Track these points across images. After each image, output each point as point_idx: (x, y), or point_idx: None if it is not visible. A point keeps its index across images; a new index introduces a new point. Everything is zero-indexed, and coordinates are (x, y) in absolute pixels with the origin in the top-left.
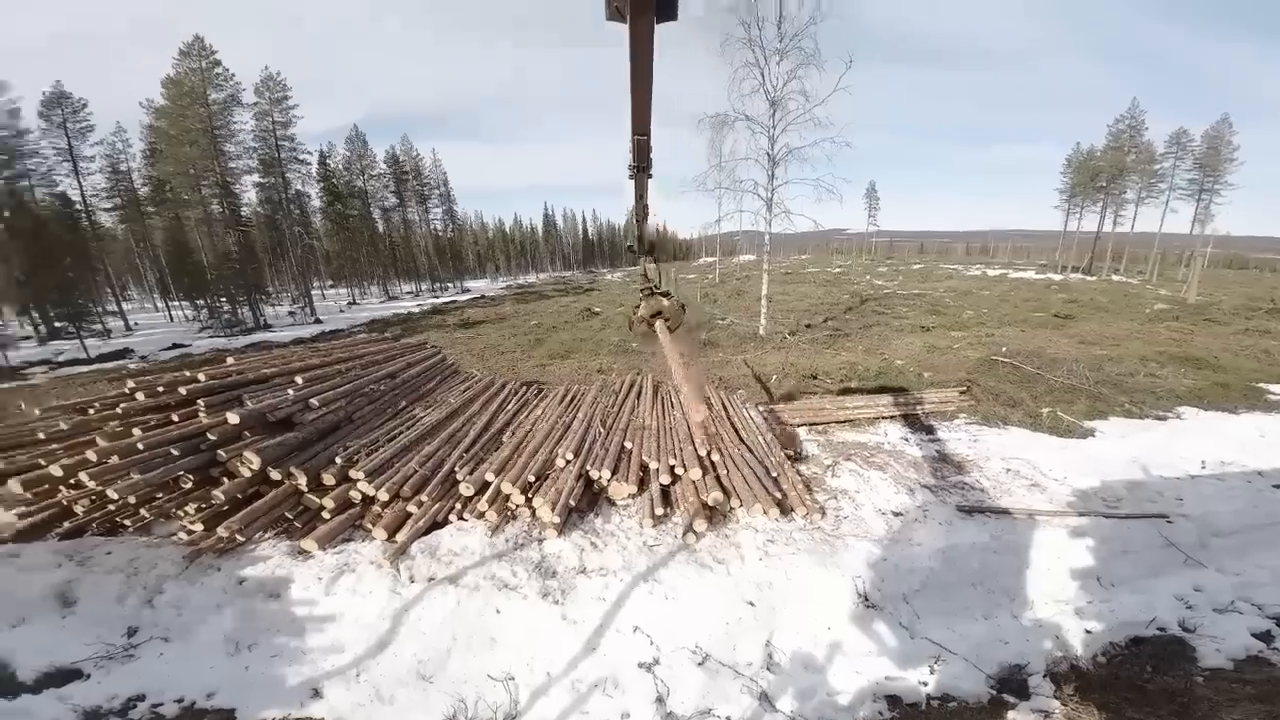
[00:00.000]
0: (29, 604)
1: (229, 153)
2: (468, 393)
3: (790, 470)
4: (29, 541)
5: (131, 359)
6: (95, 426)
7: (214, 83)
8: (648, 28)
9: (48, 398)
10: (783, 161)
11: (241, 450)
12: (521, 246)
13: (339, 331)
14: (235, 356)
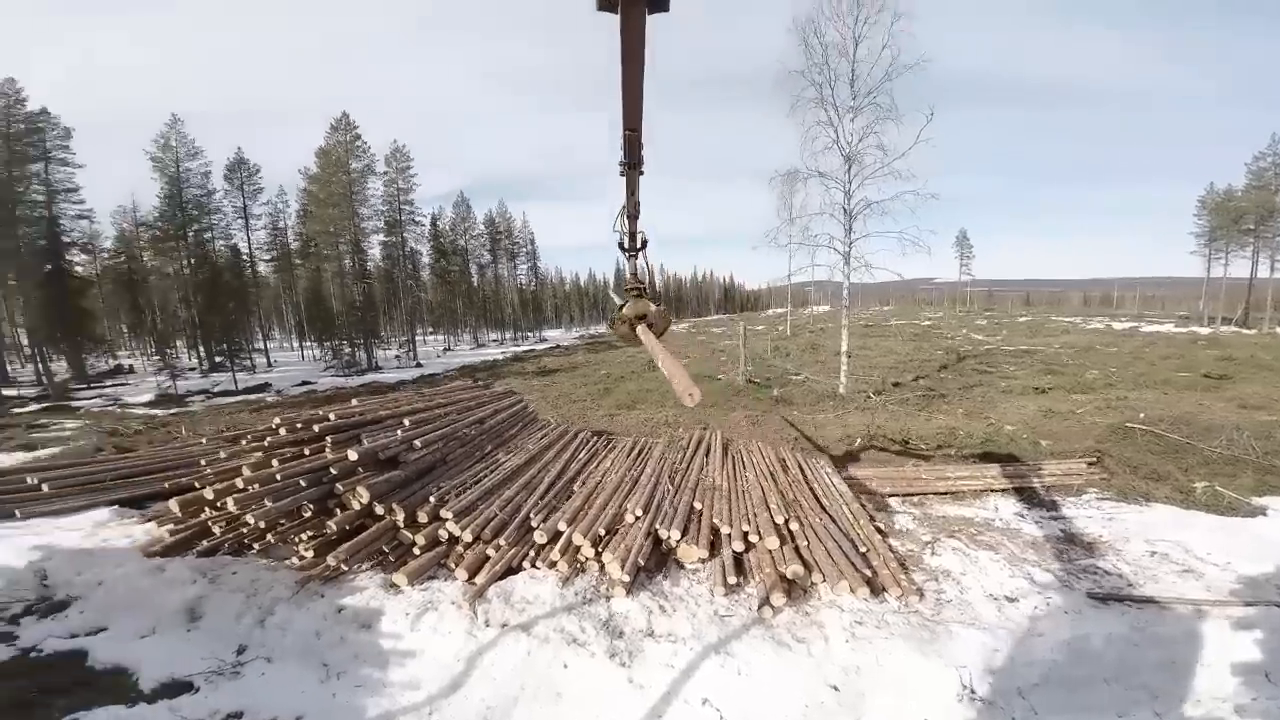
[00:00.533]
0: (162, 616)
1: (362, 214)
2: (544, 440)
3: (882, 545)
4: (172, 556)
5: (269, 392)
6: (244, 455)
7: (355, 153)
8: (639, 19)
9: (203, 424)
10: (860, 215)
11: (355, 485)
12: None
13: (435, 375)
14: (359, 398)
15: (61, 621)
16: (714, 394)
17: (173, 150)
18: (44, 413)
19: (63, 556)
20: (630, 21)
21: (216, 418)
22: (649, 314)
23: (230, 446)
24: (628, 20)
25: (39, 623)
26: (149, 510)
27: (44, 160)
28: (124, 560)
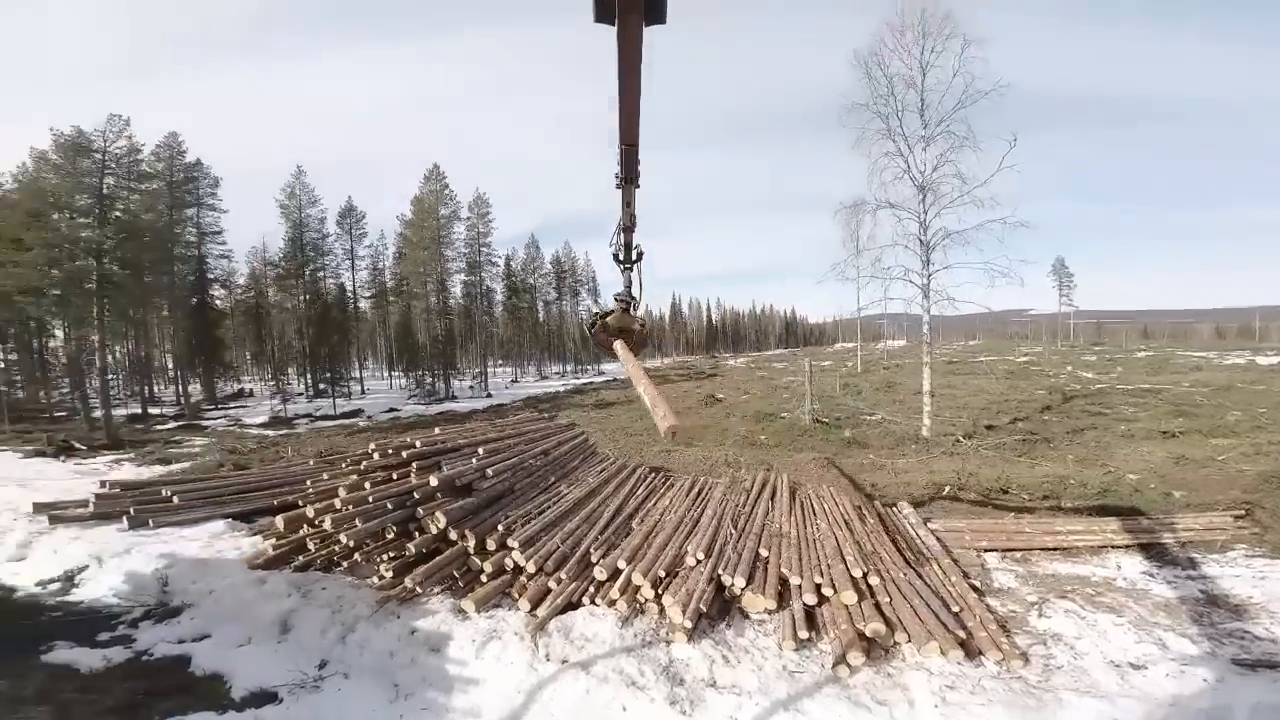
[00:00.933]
0: (258, 627)
1: (447, 256)
2: (603, 474)
3: (978, 605)
4: (273, 569)
5: (361, 418)
6: (343, 477)
7: (443, 201)
8: (636, 29)
9: (306, 446)
10: (939, 246)
11: (434, 510)
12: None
13: (503, 405)
14: (439, 427)
15: (173, 627)
16: (778, 433)
17: (296, 198)
18: (180, 430)
19: (183, 565)
20: (628, 33)
21: (317, 440)
22: (632, 330)
23: (331, 469)
24: (625, 32)
25: (154, 627)
26: (257, 524)
27: (197, 206)
28: (231, 571)
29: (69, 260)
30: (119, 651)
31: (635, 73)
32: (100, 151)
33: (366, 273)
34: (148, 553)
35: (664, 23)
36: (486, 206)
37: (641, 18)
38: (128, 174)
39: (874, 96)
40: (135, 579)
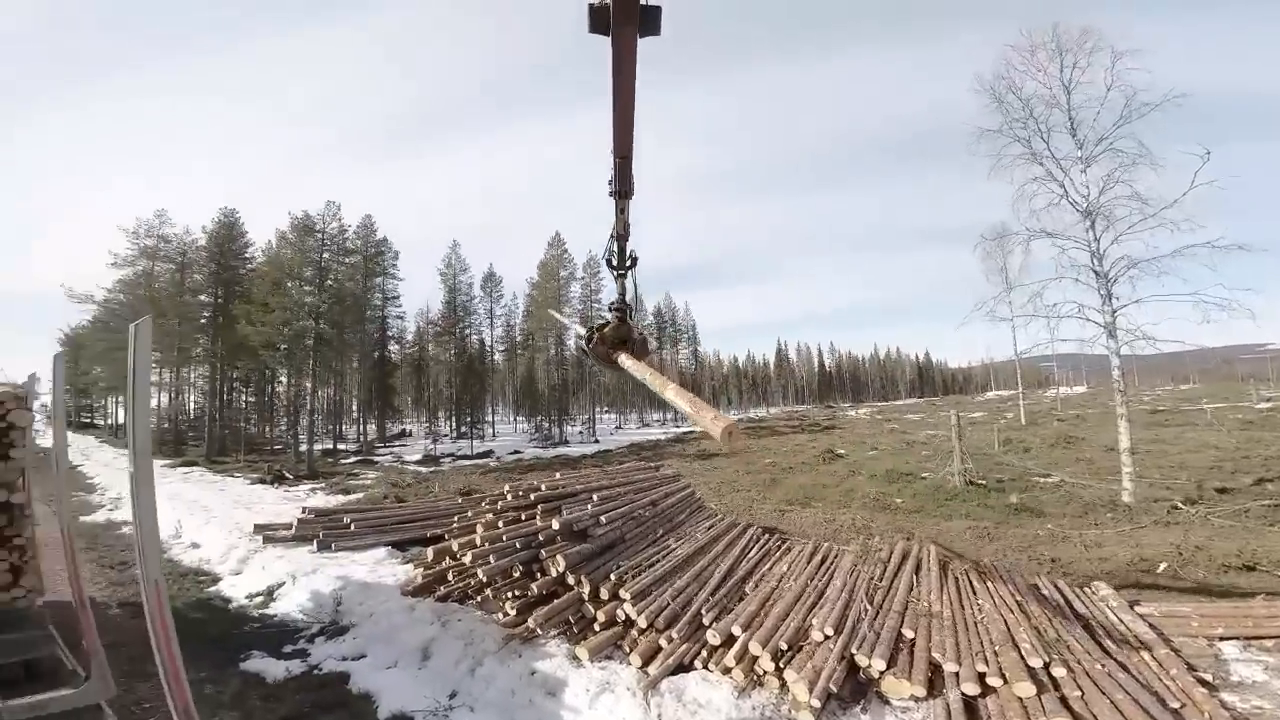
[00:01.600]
0: (405, 651)
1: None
2: (712, 530)
3: (1208, 702)
4: (421, 597)
5: (492, 458)
6: (481, 515)
7: (563, 264)
8: (630, 41)
9: (449, 482)
10: (1123, 277)
11: (555, 553)
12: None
13: (609, 450)
14: (560, 472)
15: (340, 644)
16: (919, 496)
17: (452, 267)
18: (358, 464)
19: (353, 587)
20: (622, 45)
21: (458, 477)
22: (632, 340)
23: (472, 506)
24: (619, 43)
25: (325, 644)
26: (410, 553)
27: (382, 275)
28: (389, 596)
29: (296, 321)
30: (297, 664)
31: (629, 85)
32: (320, 231)
33: (501, 329)
34: (329, 574)
35: (658, 34)
36: (598, 266)
37: (636, 30)
38: (337, 250)
39: (1008, 120)
40: (317, 597)
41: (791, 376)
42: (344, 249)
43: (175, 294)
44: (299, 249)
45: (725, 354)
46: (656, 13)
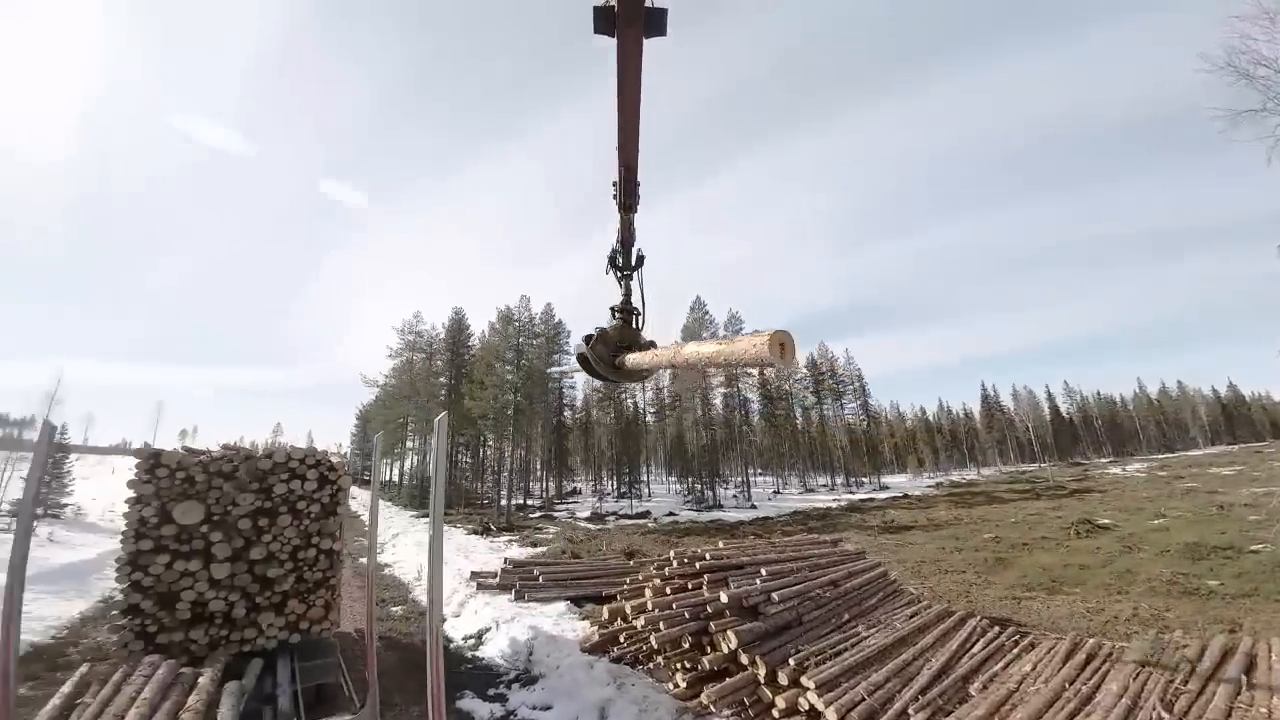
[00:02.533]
0: (584, 709)
1: (708, 372)
2: (915, 619)
3: None
4: (597, 655)
5: (650, 519)
6: (650, 579)
7: (704, 325)
8: (636, 43)
9: (615, 541)
10: None
11: (725, 628)
12: (951, 436)
13: (769, 518)
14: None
15: (532, 693)
16: (1243, 577)
17: None
18: (541, 519)
19: (542, 639)
20: (627, 45)
21: (621, 536)
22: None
23: (638, 569)
24: (624, 44)
25: (520, 691)
26: (585, 609)
27: (558, 352)
28: (570, 651)
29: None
30: (498, 708)
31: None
32: (516, 320)
33: (652, 393)
34: (523, 624)
35: (664, 35)
36: (739, 324)
37: (641, 30)
38: (528, 334)
39: (1269, 97)
40: (514, 645)
41: (1009, 428)
42: (532, 333)
43: (425, 377)
44: (502, 335)
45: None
46: (662, 15)
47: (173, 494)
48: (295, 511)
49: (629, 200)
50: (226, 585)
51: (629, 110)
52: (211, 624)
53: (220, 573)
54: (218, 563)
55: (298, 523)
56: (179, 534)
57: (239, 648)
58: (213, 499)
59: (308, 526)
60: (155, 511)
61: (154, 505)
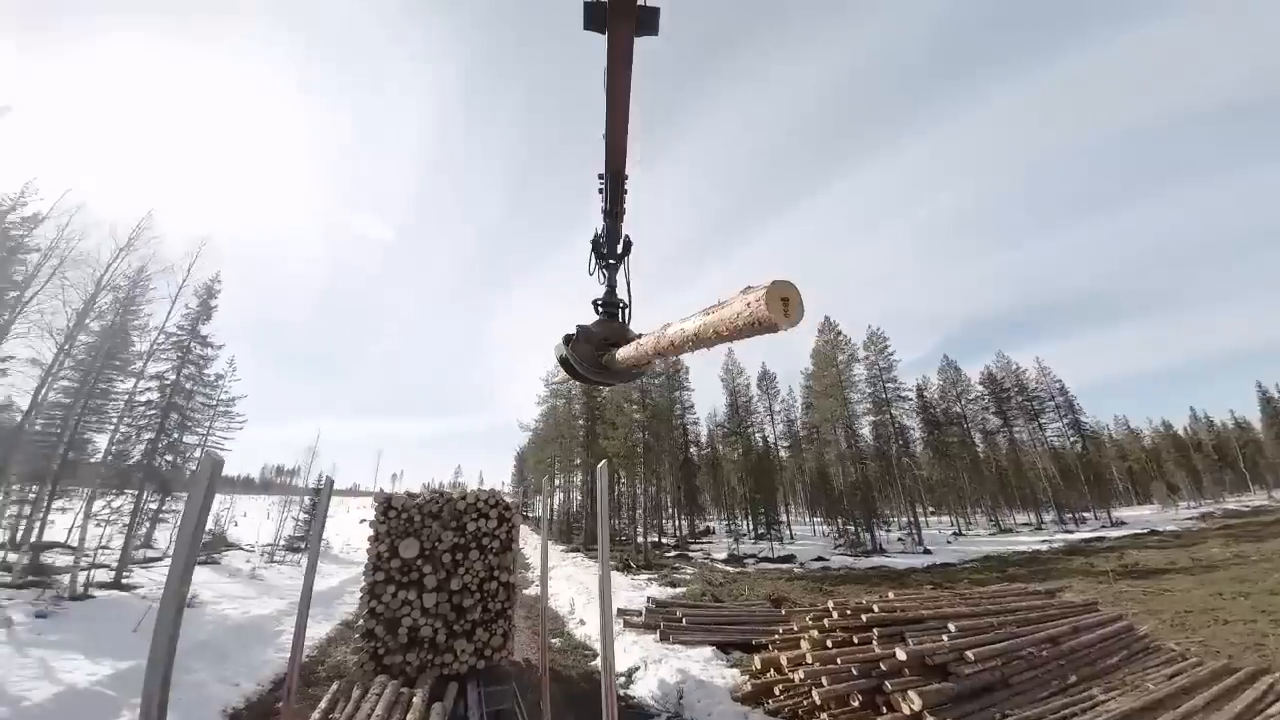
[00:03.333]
0: None
1: (851, 399)
2: (1178, 679)
3: None
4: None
5: (795, 564)
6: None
7: (839, 348)
8: (627, 39)
9: (756, 585)
10: None
11: (905, 687)
12: (1218, 453)
13: (950, 565)
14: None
15: None
16: None
17: (730, 372)
18: (676, 558)
19: (691, 683)
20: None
21: (763, 581)
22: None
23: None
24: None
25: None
26: (733, 657)
27: (679, 390)
28: (722, 699)
29: (630, 434)
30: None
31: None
32: None
33: (783, 425)
34: (671, 666)
35: (655, 34)
36: (883, 341)
37: (633, 27)
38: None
39: None
40: (664, 687)
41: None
42: (654, 372)
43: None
44: None
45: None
46: (654, 13)
47: (398, 532)
48: (481, 547)
49: (617, 207)
50: (433, 613)
51: (618, 111)
52: (422, 648)
53: (429, 601)
54: (427, 592)
55: (483, 557)
56: (402, 566)
57: (440, 671)
58: (424, 536)
59: (490, 561)
60: (387, 547)
61: (386, 542)
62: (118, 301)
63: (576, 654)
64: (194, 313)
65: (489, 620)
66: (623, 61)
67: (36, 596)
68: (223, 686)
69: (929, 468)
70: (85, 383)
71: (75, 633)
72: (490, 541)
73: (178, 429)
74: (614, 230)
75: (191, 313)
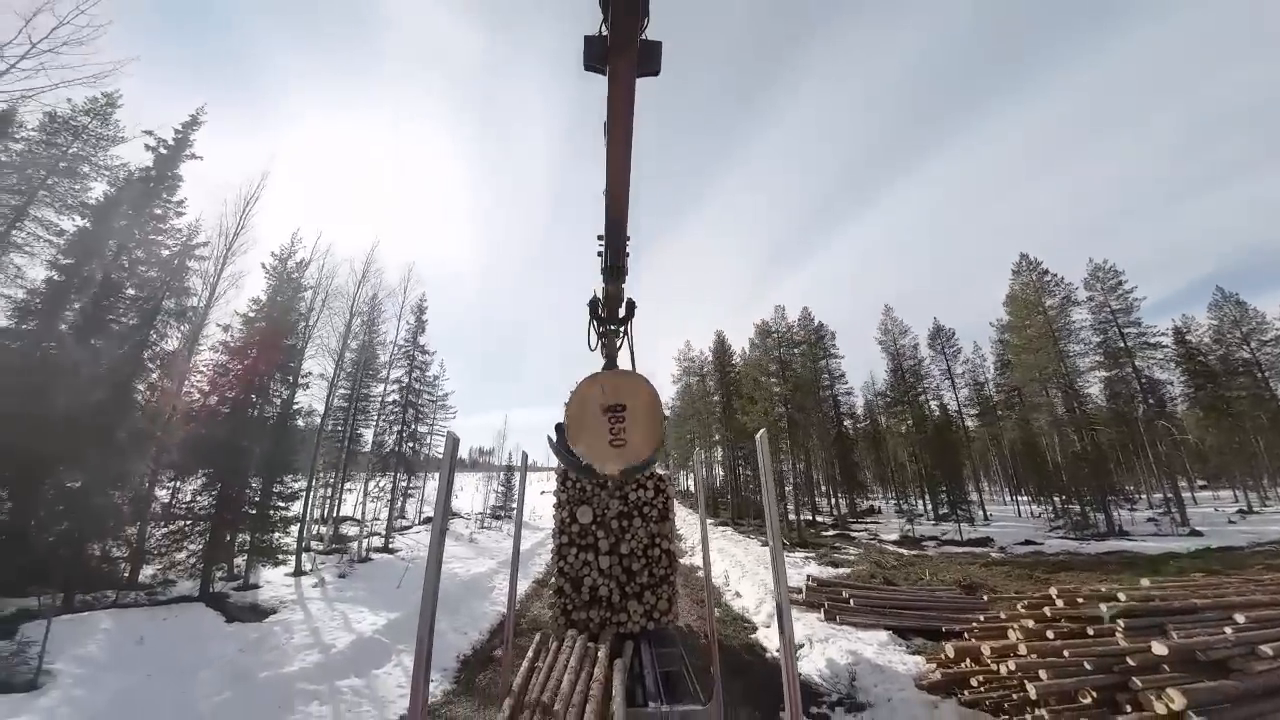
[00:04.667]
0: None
1: (1072, 351)
2: None
3: None
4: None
5: (992, 548)
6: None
7: (1047, 290)
8: (628, 79)
9: (941, 571)
10: None
11: (1162, 685)
12: None
13: (1235, 549)
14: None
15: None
16: None
17: (890, 333)
18: (836, 538)
19: (865, 666)
20: (619, 84)
21: (950, 566)
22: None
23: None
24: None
25: (845, 715)
26: (913, 643)
27: (825, 358)
28: (904, 685)
29: (771, 409)
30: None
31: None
32: (775, 331)
33: (968, 390)
34: (839, 646)
35: (657, 74)
36: (1114, 276)
37: (634, 66)
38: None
39: None
40: (833, 666)
41: None
42: (793, 341)
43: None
44: (763, 349)
45: None
46: (656, 48)
47: (575, 500)
48: (643, 515)
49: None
50: (607, 574)
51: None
52: (601, 606)
53: (604, 563)
54: (602, 555)
55: (645, 525)
56: (580, 531)
57: (616, 629)
58: (595, 503)
59: (651, 528)
60: (567, 513)
61: (566, 509)
62: (364, 323)
63: (735, 625)
64: (412, 327)
65: (655, 584)
66: (625, 104)
67: (338, 560)
68: (456, 635)
69: (1198, 431)
70: (354, 390)
71: (361, 589)
72: (650, 510)
73: (414, 421)
74: (615, 294)
75: (410, 327)
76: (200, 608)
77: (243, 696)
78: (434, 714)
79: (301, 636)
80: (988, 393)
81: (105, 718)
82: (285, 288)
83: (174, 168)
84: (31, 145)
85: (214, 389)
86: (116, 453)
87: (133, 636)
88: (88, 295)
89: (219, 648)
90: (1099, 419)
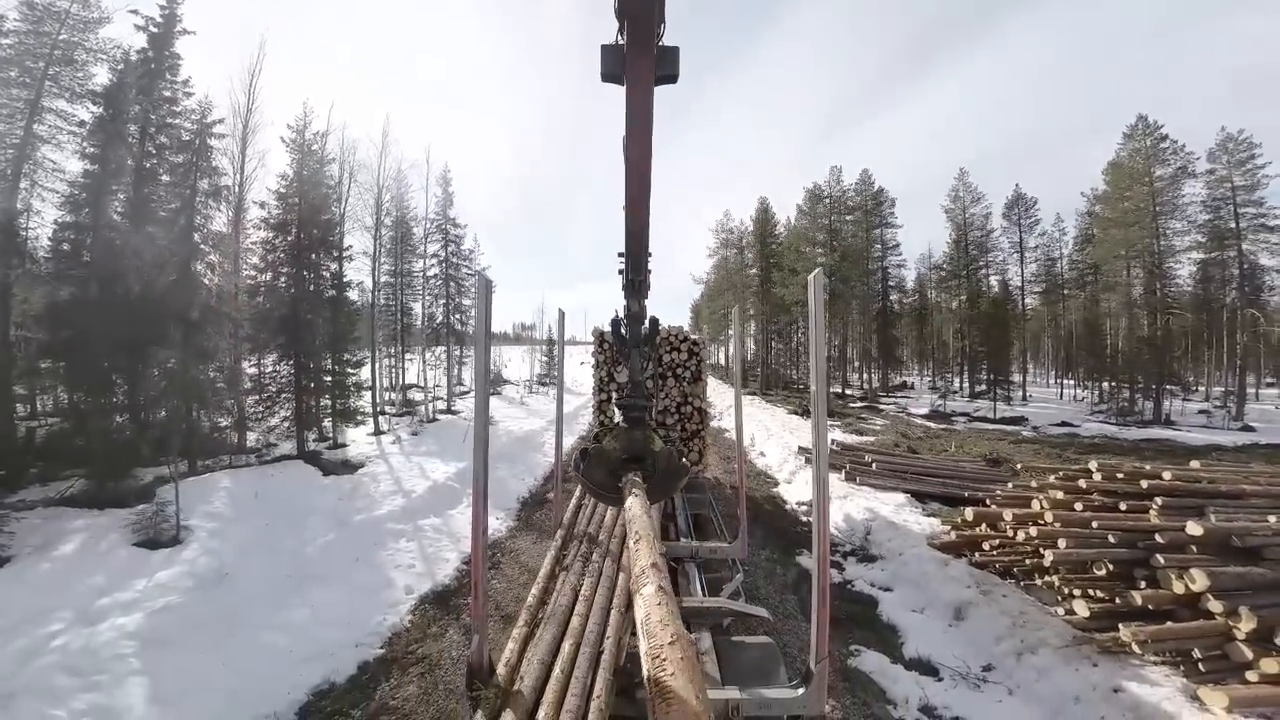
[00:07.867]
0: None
1: (1171, 229)
2: None
3: None
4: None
5: (1025, 427)
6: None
7: (1160, 159)
8: (647, 87)
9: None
10: None
11: (1186, 565)
12: None
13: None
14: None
15: (870, 570)
16: None
17: (960, 200)
18: (864, 410)
19: (880, 523)
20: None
21: (979, 441)
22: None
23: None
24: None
25: (856, 565)
26: (930, 507)
27: (881, 226)
28: (916, 544)
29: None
30: (834, 574)
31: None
32: (828, 196)
33: (1037, 265)
34: (857, 504)
35: (675, 81)
36: (1249, 148)
37: (653, 74)
38: (841, 210)
39: None
40: (850, 521)
41: None
42: (846, 207)
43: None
44: (811, 217)
45: None
46: (674, 53)
47: (612, 360)
48: (676, 376)
49: (640, 275)
50: None
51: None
52: None
53: None
54: None
55: (678, 385)
56: (618, 389)
57: None
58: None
59: (684, 389)
60: (605, 373)
61: (604, 369)
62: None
63: (758, 480)
64: (441, 200)
65: (687, 438)
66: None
67: (410, 421)
68: (515, 481)
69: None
70: (396, 265)
71: (432, 445)
72: (683, 372)
73: (456, 294)
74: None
75: (440, 199)
76: (300, 465)
77: (344, 537)
78: (500, 546)
79: (386, 485)
80: (1059, 269)
81: (239, 560)
82: (309, 159)
83: (170, 46)
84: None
85: (267, 266)
86: (198, 331)
87: (249, 492)
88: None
89: (320, 498)
90: (1180, 303)
